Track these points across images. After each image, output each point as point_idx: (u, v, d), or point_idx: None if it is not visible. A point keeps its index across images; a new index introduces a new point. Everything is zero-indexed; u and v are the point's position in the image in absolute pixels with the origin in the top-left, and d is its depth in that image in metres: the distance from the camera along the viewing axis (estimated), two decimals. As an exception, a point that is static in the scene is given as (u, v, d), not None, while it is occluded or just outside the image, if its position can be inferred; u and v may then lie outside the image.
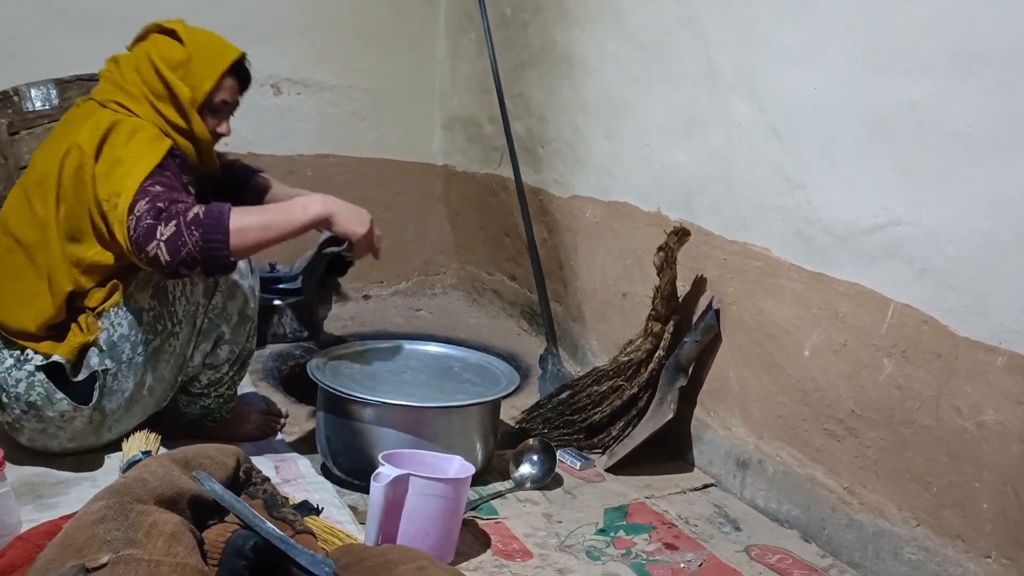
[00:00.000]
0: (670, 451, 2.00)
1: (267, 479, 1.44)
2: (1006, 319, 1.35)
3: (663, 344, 1.96)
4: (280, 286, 2.61)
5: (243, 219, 1.59)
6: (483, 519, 1.69)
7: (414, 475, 1.47)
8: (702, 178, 1.95)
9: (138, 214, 1.57)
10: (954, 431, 1.43)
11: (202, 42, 1.80)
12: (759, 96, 1.78)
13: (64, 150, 1.67)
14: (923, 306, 1.48)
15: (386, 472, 1.45)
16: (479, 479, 1.80)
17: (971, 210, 1.40)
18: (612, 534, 1.67)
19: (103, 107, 1.73)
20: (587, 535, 1.66)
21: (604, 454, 1.98)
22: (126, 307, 1.70)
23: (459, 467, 1.58)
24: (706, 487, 1.89)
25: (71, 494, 1.61)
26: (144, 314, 1.71)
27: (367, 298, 3.07)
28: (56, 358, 1.65)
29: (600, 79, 2.30)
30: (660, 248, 1.92)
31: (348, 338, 2.54)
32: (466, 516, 1.63)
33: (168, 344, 1.74)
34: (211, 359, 1.80)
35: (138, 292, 1.71)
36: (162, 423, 1.83)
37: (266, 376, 2.33)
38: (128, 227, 1.57)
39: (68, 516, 1.30)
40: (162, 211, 1.57)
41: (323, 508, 1.54)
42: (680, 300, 1.98)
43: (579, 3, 2.35)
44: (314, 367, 1.83)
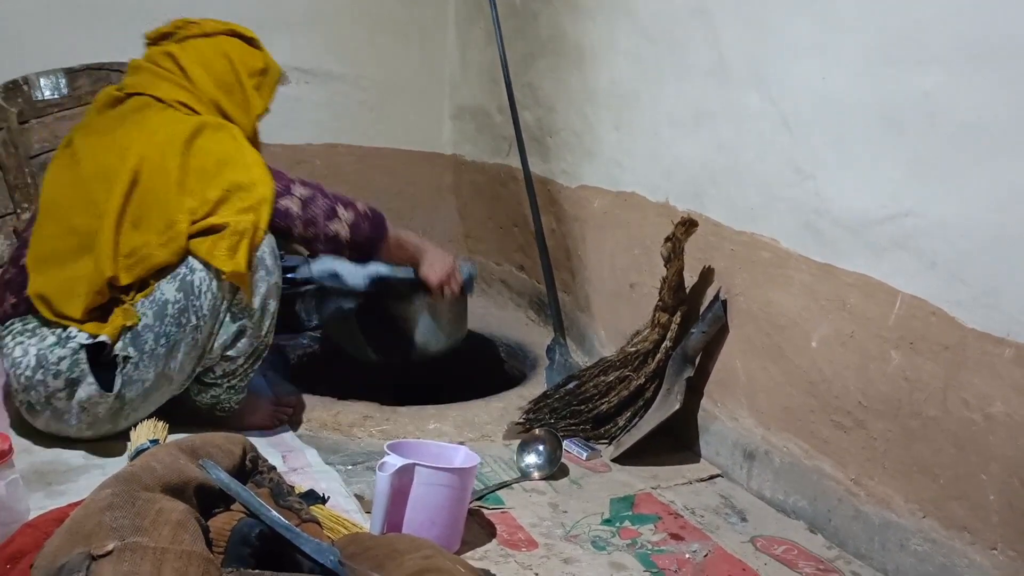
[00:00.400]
0: (677, 442, 2.00)
1: (273, 468, 1.44)
2: (1015, 311, 1.34)
3: (670, 335, 1.96)
4: (288, 276, 2.61)
5: (391, 225, 1.98)
6: (489, 508, 1.69)
7: (420, 465, 1.47)
8: (711, 169, 1.95)
9: (302, 197, 1.81)
10: (962, 423, 1.42)
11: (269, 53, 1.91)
12: (769, 87, 1.77)
13: (130, 146, 1.71)
14: (931, 298, 1.47)
15: (391, 462, 1.45)
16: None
17: (981, 202, 1.39)
18: (618, 524, 1.67)
19: (167, 105, 1.77)
20: (593, 525, 1.66)
21: (611, 444, 1.99)
22: (152, 298, 1.72)
23: (465, 456, 1.58)
24: (712, 478, 1.89)
25: (80, 481, 1.62)
26: (169, 306, 1.72)
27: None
28: (103, 338, 1.67)
29: (610, 70, 2.29)
30: (668, 239, 1.91)
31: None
32: (472, 505, 1.63)
33: (190, 337, 1.75)
34: (230, 351, 1.81)
35: (165, 284, 1.72)
36: (170, 412, 1.83)
37: (273, 365, 2.33)
38: (289, 210, 1.78)
39: (76, 503, 1.30)
40: (335, 198, 1.85)
41: (329, 497, 1.55)
42: (688, 291, 1.97)
43: (588, -8, 2.35)
44: None
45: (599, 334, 2.39)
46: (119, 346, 1.70)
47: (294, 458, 1.80)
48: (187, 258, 1.73)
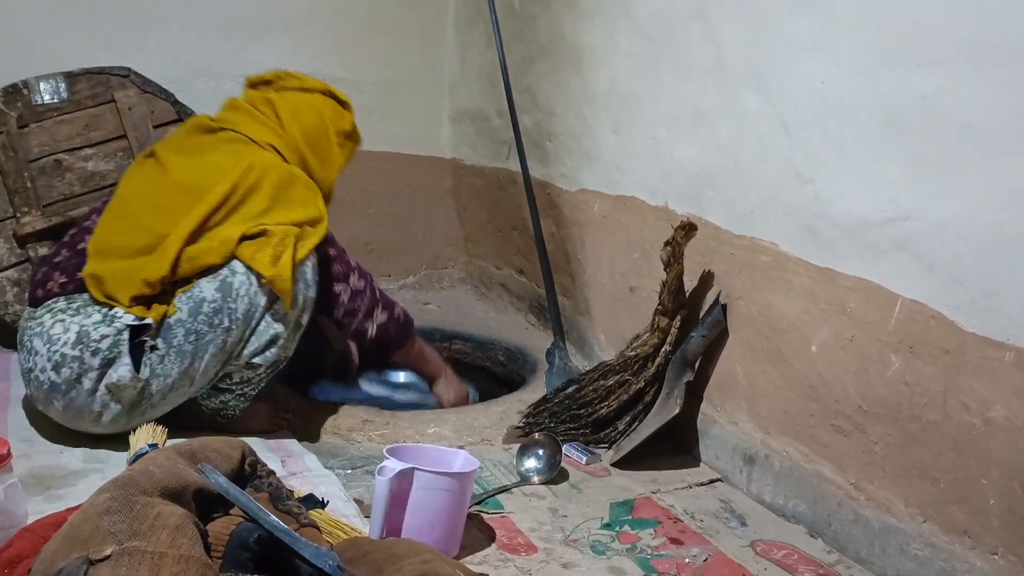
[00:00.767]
0: (676, 446, 2.00)
1: (272, 472, 1.44)
2: (1015, 315, 1.34)
3: (670, 339, 1.95)
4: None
5: (417, 337, 2.16)
6: (488, 513, 1.69)
7: (419, 469, 1.47)
8: (710, 172, 1.94)
9: (354, 289, 1.96)
10: (962, 427, 1.42)
11: None
12: (768, 89, 1.77)
13: (224, 172, 1.81)
14: (931, 301, 1.47)
15: (390, 466, 1.45)
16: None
17: (981, 205, 1.39)
18: (617, 529, 1.67)
19: (259, 146, 1.89)
20: (592, 529, 1.66)
21: (610, 449, 1.98)
22: (191, 295, 1.75)
23: (464, 461, 1.58)
24: (712, 482, 1.89)
25: (79, 486, 1.62)
26: (205, 304, 1.75)
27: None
28: (149, 320, 1.72)
29: (608, 72, 2.29)
30: (667, 243, 1.91)
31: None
32: (471, 510, 1.63)
33: (220, 339, 1.76)
34: (256, 358, 1.82)
35: (205, 283, 1.76)
36: (169, 416, 1.83)
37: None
38: (340, 296, 1.94)
39: (74, 508, 1.30)
40: (378, 298, 2.01)
41: (328, 501, 1.54)
42: (687, 295, 1.97)
43: (588, -4, 2.35)
44: None
45: (599, 338, 2.39)
46: (151, 334, 1.73)
47: (293, 462, 1.80)
48: (231, 260, 1.77)
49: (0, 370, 2.19)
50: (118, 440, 1.76)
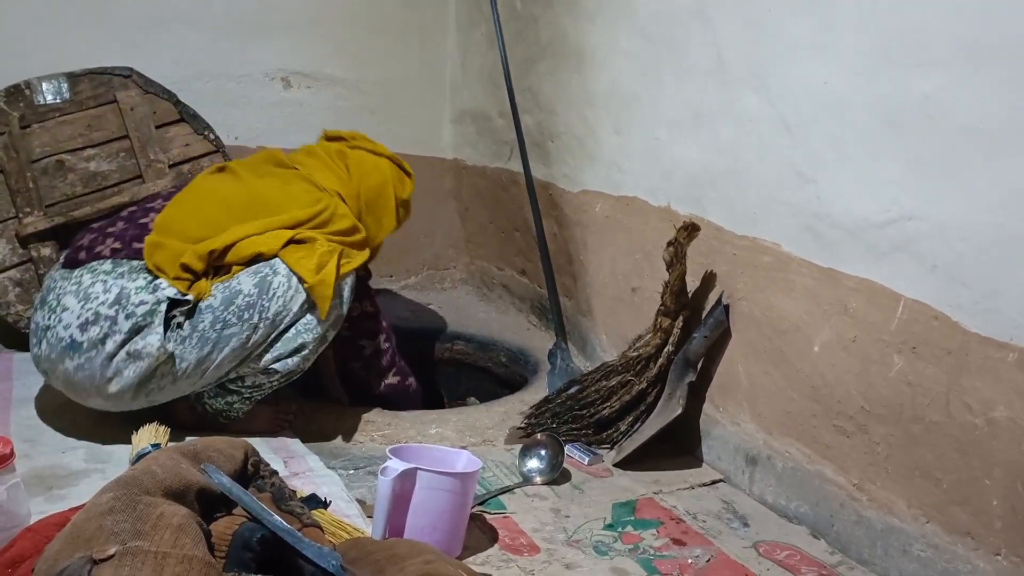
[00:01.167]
0: (679, 446, 2.00)
1: (275, 472, 1.44)
2: (1017, 315, 1.34)
3: (672, 339, 1.95)
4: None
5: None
6: (491, 513, 1.69)
7: (422, 469, 1.47)
8: (711, 172, 1.94)
9: (379, 348, 2.12)
10: (964, 428, 1.42)
11: None
12: (769, 89, 1.77)
13: (295, 197, 1.93)
14: (934, 302, 1.47)
15: (393, 466, 1.45)
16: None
17: (983, 205, 1.39)
18: (620, 529, 1.67)
19: (329, 193, 1.99)
20: (595, 530, 1.66)
21: (612, 449, 1.98)
22: (228, 284, 1.78)
23: (467, 461, 1.58)
24: (715, 483, 1.88)
25: (81, 486, 1.62)
26: (240, 297, 1.77)
27: (376, 293, 3.06)
28: (190, 297, 1.75)
29: (609, 72, 2.29)
30: (670, 243, 1.91)
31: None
32: (474, 510, 1.63)
33: (244, 335, 1.77)
34: (276, 364, 1.82)
35: (244, 276, 1.79)
36: (172, 416, 1.83)
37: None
38: (364, 349, 2.11)
39: (77, 508, 1.30)
40: (395, 363, 2.16)
41: (331, 502, 1.54)
42: (689, 295, 1.97)
43: (589, -4, 2.35)
44: None
45: (601, 339, 2.39)
46: (184, 311, 1.75)
47: (296, 463, 1.80)
48: (274, 259, 1.81)
49: (2, 370, 2.19)
50: (120, 439, 1.76)
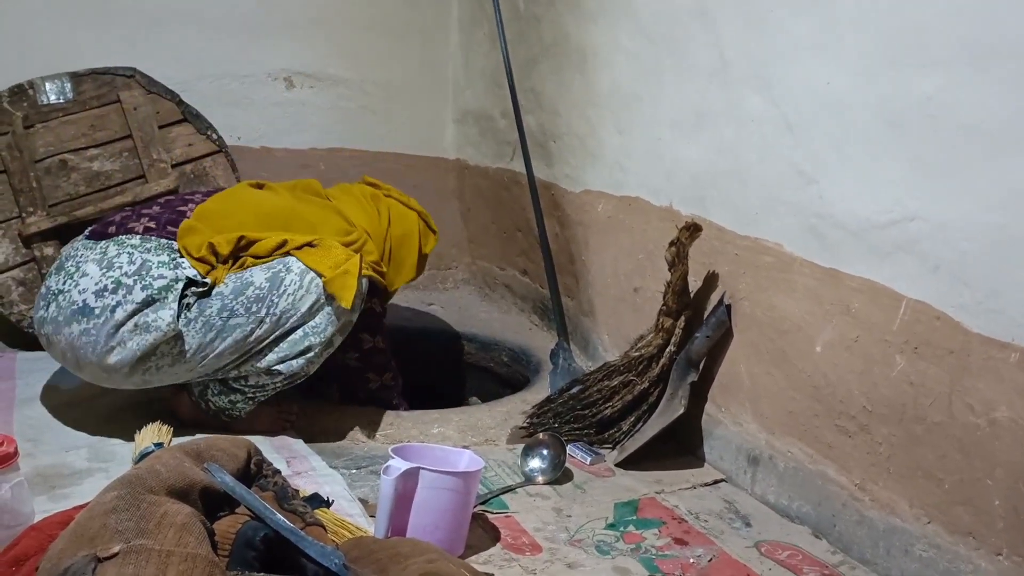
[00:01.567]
0: (681, 446, 2.00)
1: (278, 471, 1.44)
2: (1019, 315, 1.34)
3: (674, 339, 1.96)
4: None
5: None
6: (493, 513, 1.69)
7: (424, 468, 1.47)
8: (714, 172, 1.95)
9: (376, 346, 2.12)
10: (966, 428, 1.42)
11: None
12: (771, 89, 1.77)
13: (324, 221, 2.00)
14: (936, 302, 1.47)
15: (395, 465, 1.45)
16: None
17: (985, 205, 1.39)
18: (622, 529, 1.67)
19: (359, 230, 2.04)
20: (597, 530, 1.66)
21: (614, 449, 1.98)
22: (241, 275, 1.79)
23: (469, 460, 1.58)
24: (716, 483, 1.89)
25: (84, 485, 1.62)
26: (251, 289, 1.78)
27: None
28: (208, 280, 1.78)
29: (612, 72, 2.29)
30: (672, 243, 1.91)
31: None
32: (476, 510, 1.63)
33: (249, 328, 1.77)
34: (281, 365, 1.82)
35: (258, 270, 1.80)
36: (175, 413, 1.84)
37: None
38: (363, 342, 2.08)
39: (81, 506, 1.31)
40: (389, 366, 2.17)
41: (333, 501, 1.55)
42: (692, 295, 1.97)
43: (592, -3, 2.35)
44: None
45: (603, 339, 2.39)
46: (197, 293, 1.77)
47: (298, 462, 1.80)
48: (288, 258, 1.83)
49: (5, 370, 2.19)
50: (123, 438, 1.77)
